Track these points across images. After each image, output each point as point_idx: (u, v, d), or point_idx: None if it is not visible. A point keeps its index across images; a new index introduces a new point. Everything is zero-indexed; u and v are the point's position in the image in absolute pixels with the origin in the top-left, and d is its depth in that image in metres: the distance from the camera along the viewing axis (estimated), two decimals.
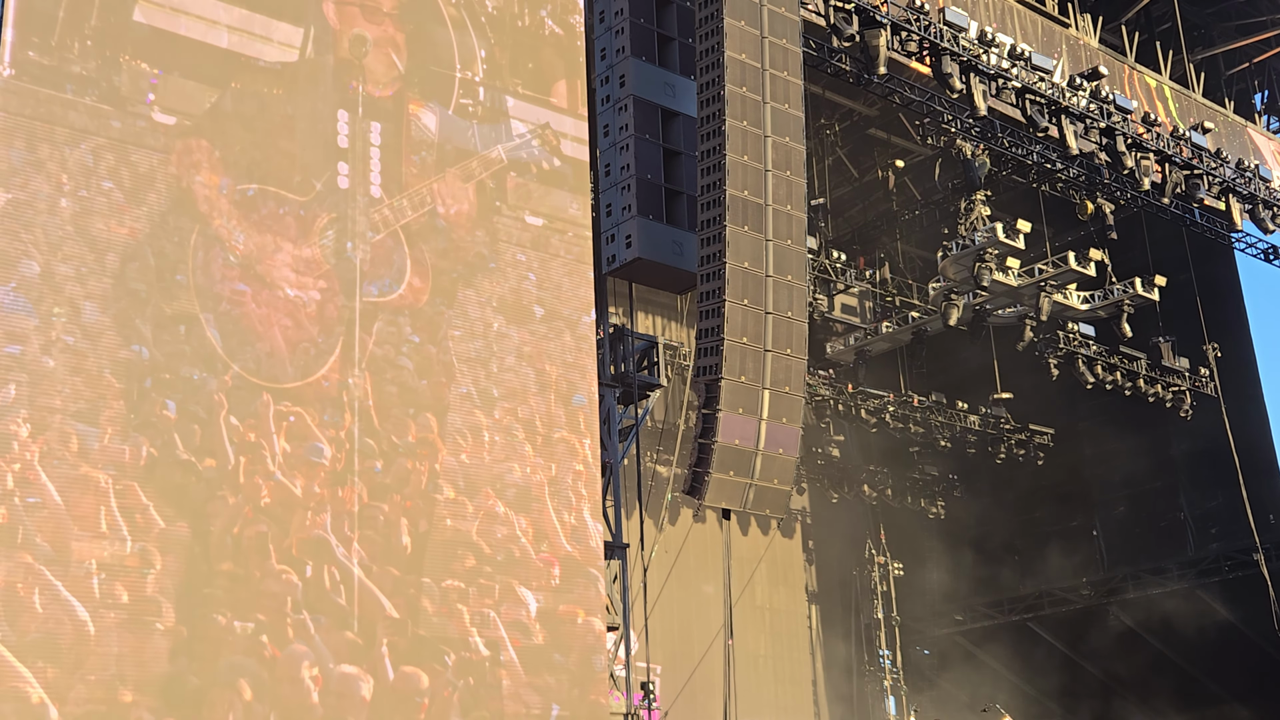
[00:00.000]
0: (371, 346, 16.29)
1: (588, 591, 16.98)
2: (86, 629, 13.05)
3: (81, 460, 13.60)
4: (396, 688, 14.73)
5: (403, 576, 15.26)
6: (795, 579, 37.16)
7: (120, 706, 13.00)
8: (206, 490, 14.32)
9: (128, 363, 14.30)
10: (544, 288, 18.65)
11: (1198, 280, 34.43)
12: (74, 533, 13.27)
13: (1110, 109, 27.66)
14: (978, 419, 36.33)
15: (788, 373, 19.43)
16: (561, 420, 17.71)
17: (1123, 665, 35.77)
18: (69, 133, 14.73)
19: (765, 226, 19.52)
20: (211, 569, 14.02)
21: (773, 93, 20.14)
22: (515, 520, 16.62)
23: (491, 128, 19.19)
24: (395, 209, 17.67)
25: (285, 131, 16.94)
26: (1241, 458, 32.15)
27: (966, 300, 30.55)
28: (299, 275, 16.15)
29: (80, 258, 14.34)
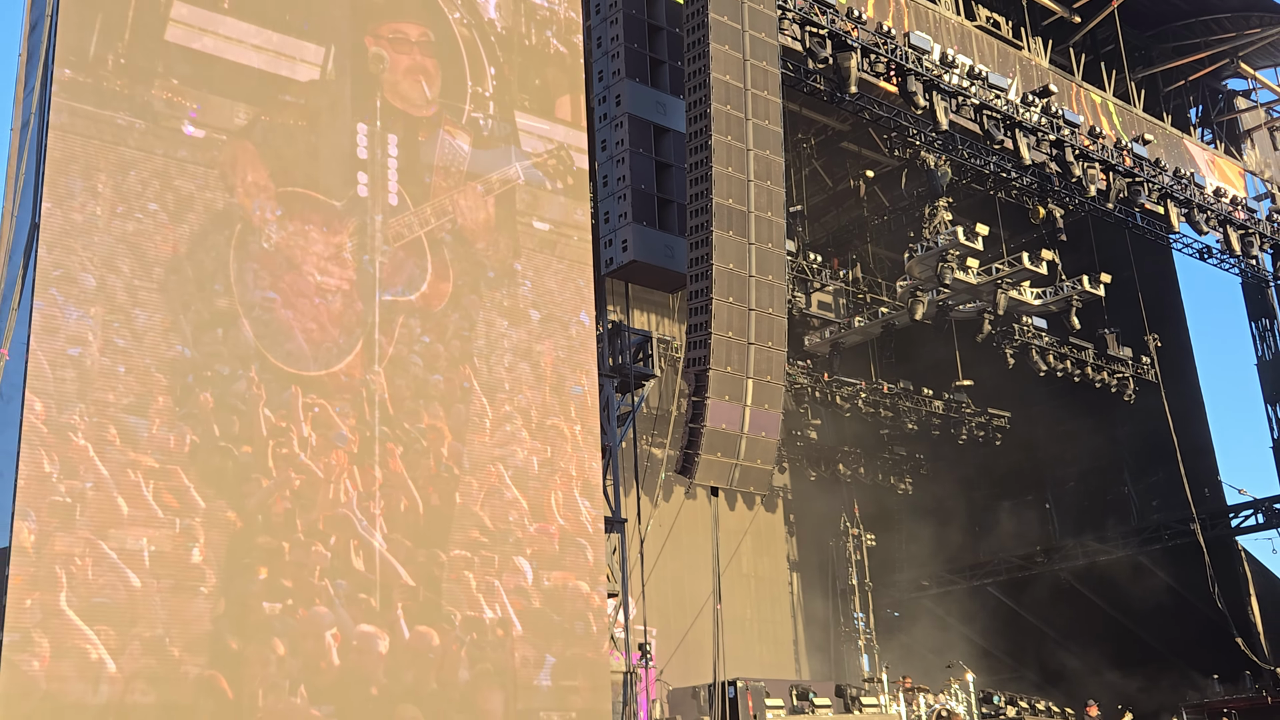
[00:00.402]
0: (388, 346, 16.35)
1: (578, 560, 17.20)
2: (138, 595, 13.30)
3: (131, 448, 13.80)
4: (411, 645, 15.02)
5: (415, 548, 15.51)
6: (778, 549, 37.19)
7: (170, 662, 13.29)
8: (242, 473, 14.53)
9: (172, 361, 14.44)
10: (544, 290, 18.68)
11: (1139, 277, 34.42)
12: (125, 511, 13.49)
13: (1060, 123, 27.64)
14: (941, 404, 36.37)
15: (769, 363, 19.45)
16: (555, 409, 17.84)
17: (1071, 624, 35.87)
18: (119, 158, 14.78)
19: (748, 231, 19.53)
20: (248, 543, 14.26)
21: (754, 110, 20.15)
22: (515, 497, 16.76)
23: (502, 141, 19.22)
24: (419, 217, 17.66)
25: (311, 145, 16.87)
26: (1180, 437, 32.19)
27: (931, 297, 30.55)
28: (323, 278, 16.16)
29: (130, 271, 14.49)
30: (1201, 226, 30.74)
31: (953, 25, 29.12)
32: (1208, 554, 31.27)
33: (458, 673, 15.32)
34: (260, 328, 15.31)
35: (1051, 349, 33.66)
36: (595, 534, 17.68)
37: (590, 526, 17.62)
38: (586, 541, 17.44)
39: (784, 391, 20.15)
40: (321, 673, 14.20)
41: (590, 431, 18.22)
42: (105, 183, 14.60)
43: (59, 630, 12.65)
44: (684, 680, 25.77)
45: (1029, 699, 29.52)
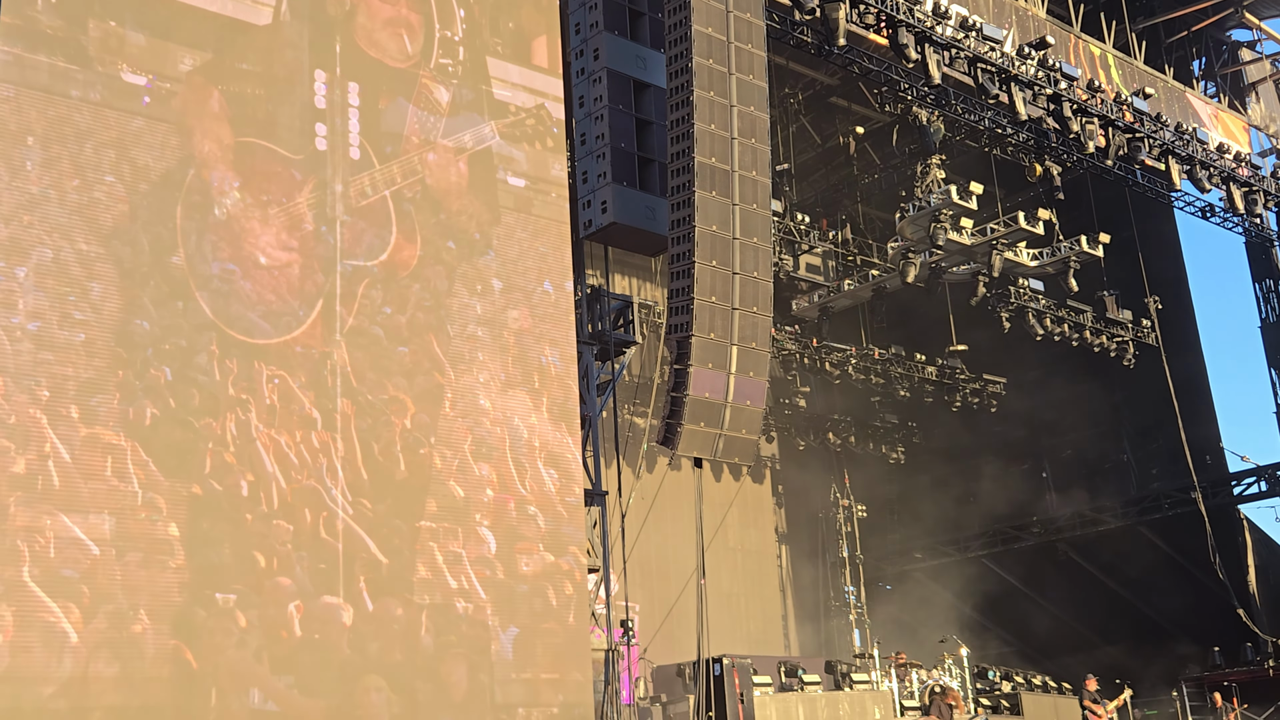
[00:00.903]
0: (349, 317, 16.29)
1: (542, 531, 17.26)
2: (101, 567, 13.44)
3: (91, 422, 13.84)
4: (375, 616, 15.20)
5: (379, 520, 15.61)
6: (765, 521, 37.30)
7: (133, 634, 13.49)
8: (204, 447, 14.58)
9: (131, 335, 14.44)
10: (516, 255, 18.52)
11: (1140, 237, 34.48)
12: (87, 484, 13.60)
13: (1057, 76, 27.57)
14: (934, 370, 36.41)
15: (754, 329, 19.41)
16: (519, 379, 17.79)
17: (1069, 596, 36.11)
18: (59, 115, 14.54)
19: (732, 191, 19.44)
20: (210, 515, 14.38)
21: (738, 64, 20.01)
22: (478, 469, 16.84)
23: (471, 90, 18.84)
24: (384, 175, 17.42)
25: (266, 96, 16.51)
26: (1181, 403, 32.31)
27: (923, 259, 30.53)
28: (282, 247, 16.02)
29: (85, 241, 14.41)
30: (1204, 184, 30.76)
31: None
32: (1209, 523, 31.46)
33: (421, 644, 15.52)
34: (219, 300, 15.19)
35: (1048, 312, 33.71)
36: (562, 504, 17.65)
37: (556, 497, 17.63)
38: (551, 512, 17.48)
39: (770, 358, 20.13)
40: (284, 643, 14.43)
41: (557, 402, 18.14)
42: (52, 147, 14.38)
43: (22, 602, 12.81)
44: (669, 657, 25.85)
45: (1025, 673, 29.71)
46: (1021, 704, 27.49)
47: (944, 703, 21.63)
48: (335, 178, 16.92)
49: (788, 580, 37.16)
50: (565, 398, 18.29)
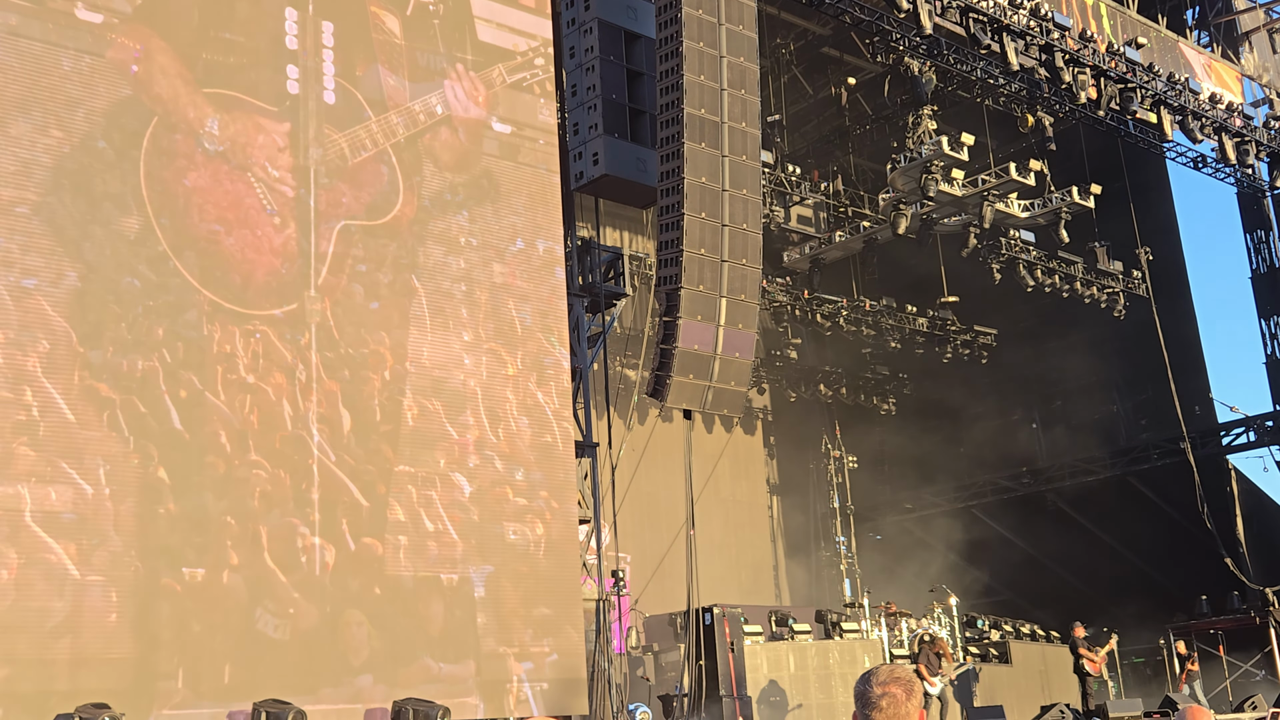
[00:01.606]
0: (334, 276, 16.44)
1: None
2: (100, 509, 13.94)
3: (88, 373, 14.19)
4: (356, 555, 15.74)
5: (359, 466, 16.03)
6: (757, 472, 37.55)
7: (131, 570, 14.08)
8: (196, 398, 14.85)
9: (124, 292, 14.65)
10: (498, 210, 18.48)
11: (1131, 188, 34.48)
12: (83, 434, 14.01)
13: (1049, 26, 27.47)
14: (926, 321, 36.52)
15: (743, 281, 19.50)
16: (493, 334, 18.01)
17: (1057, 546, 36.38)
18: (61, 93, 14.60)
19: (721, 143, 19.47)
20: (201, 461, 14.81)
21: (727, 14, 19.97)
22: (453, 418, 17.13)
23: (456, 31, 18.54)
24: (366, 131, 17.28)
25: (234, 35, 16.21)
26: (1171, 353, 32.42)
27: (914, 210, 30.56)
28: (265, 203, 16.03)
29: (75, 205, 14.53)
30: (1196, 134, 30.73)
31: None
32: (1197, 473, 31.69)
33: (400, 581, 16.06)
34: (206, 260, 15.38)
35: (1039, 263, 33.80)
36: (533, 452, 17.91)
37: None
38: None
39: (759, 310, 20.23)
40: (271, 579, 15.02)
41: (531, 355, 18.31)
42: (31, 102, 14.48)
43: (26, 543, 13.32)
44: (660, 607, 26.15)
45: (1014, 622, 30.08)
46: (1010, 652, 27.88)
47: (932, 651, 21.89)
48: (310, 124, 16.79)
49: (779, 531, 37.46)
50: (539, 351, 18.38)
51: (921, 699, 4.03)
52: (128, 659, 13.78)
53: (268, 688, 14.41)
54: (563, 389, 18.71)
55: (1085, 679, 23.69)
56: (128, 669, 13.74)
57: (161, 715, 13.74)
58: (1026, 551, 36.77)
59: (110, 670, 13.60)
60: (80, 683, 13.29)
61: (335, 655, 15.26)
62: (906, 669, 4.10)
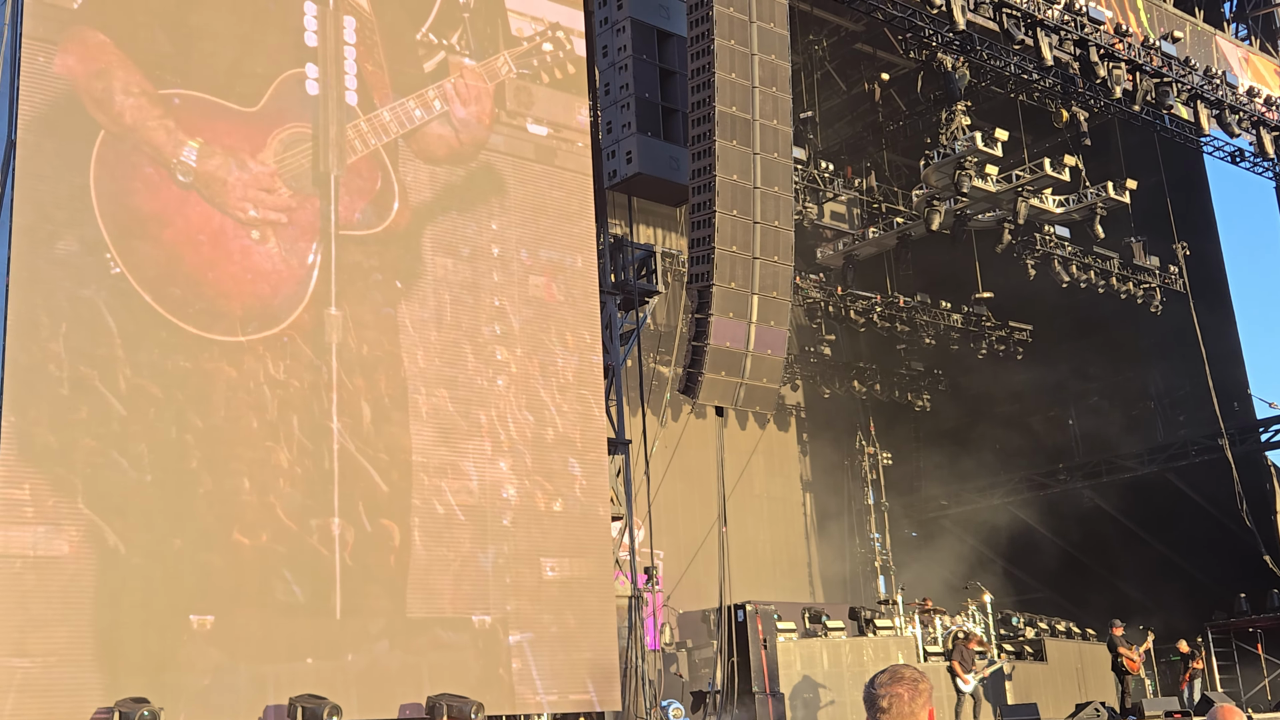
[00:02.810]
0: (344, 286, 16.26)
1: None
2: (146, 492, 14.43)
3: (136, 375, 14.58)
4: (373, 535, 16.02)
5: (376, 454, 16.20)
6: (791, 469, 37.56)
7: (173, 549, 14.54)
8: (229, 393, 15.19)
9: (168, 297, 14.98)
10: (526, 214, 18.21)
11: (1168, 183, 34.25)
12: (132, 426, 14.44)
13: (1083, 20, 27.34)
14: (960, 317, 36.43)
15: (775, 278, 19.55)
16: (503, 340, 17.78)
17: (1094, 543, 36.23)
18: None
19: (753, 140, 19.51)
20: (231, 451, 15.12)
21: (759, 12, 20.01)
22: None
23: (486, 23, 18.19)
24: (379, 124, 16.89)
25: (227, 23, 15.70)
26: (1208, 349, 32.24)
27: (948, 206, 30.51)
28: (258, 208, 15.67)
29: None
30: (1233, 129, 30.48)
31: None
32: (1236, 470, 31.46)
33: (412, 558, 16.29)
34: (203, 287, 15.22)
35: (1075, 259, 33.63)
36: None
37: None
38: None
39: (791, 307, 20.27)
40: (298, 557, 15.42)
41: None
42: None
43: (83, 523, 13.88)
44: (694, 604, 26.24)
45: (1049, 620, 29.97)
46: (1045, 650, 27.78)
47: (967, 648, 21.89)
48: (329, 124, 16.44)
49: (813, 528, 37.45)
50: (547, 356, 18.20)
51: (929, 698, 4.11)
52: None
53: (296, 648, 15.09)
54: (594, 386, 18.67)
55: (1124, 677, 23.62)
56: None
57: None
58: (1062, 548, 36.63)
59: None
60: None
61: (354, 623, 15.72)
62: (912, 669, 4.18)
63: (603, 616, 17.93)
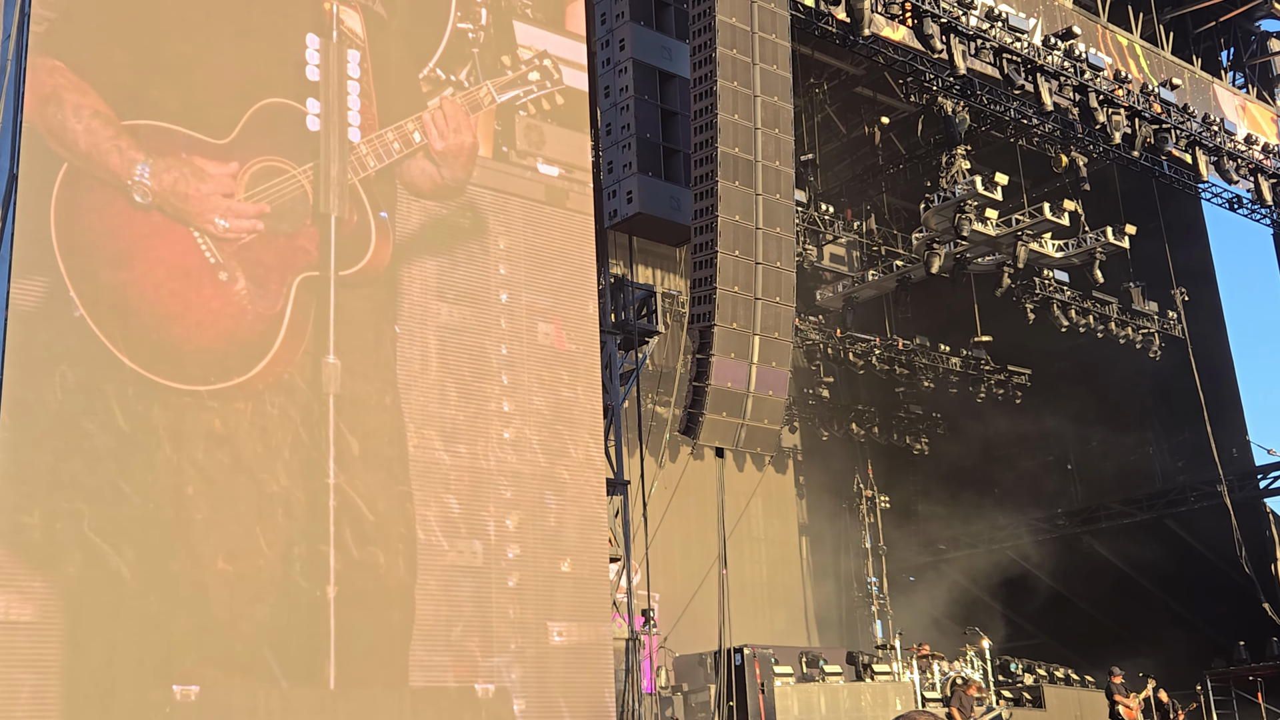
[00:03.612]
0: (332, 323, 15.66)
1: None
2: (152, 522, 14.10)
3: (101, 430, 14.11)
4: (360, 560, 15.40)
5: (365, 487, 15.59)
6: (788, 511, 37.40)
7: (170, 574, 14.08)
8: (225, 427, 14.75)
9: (170, 338, 14.65)
10: (524, 256, 17.61)
11: (1166, 228, 34.38)
12: (134, 464, 14.12)
13: (1083, 67, 27.48)
14: (959, 361, 36.41)
15: (777, 319, 19.50)
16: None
17: (1093, 589, 36.06)
18: None
19: (755, 182, 19.51)
20: (231, 481, 14.62)
21: (762, 54, 20.07)
22: (464, 468, 16.51)
23: (494, 59, 17.74)
24: (368, 150, 16.41)
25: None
26: (1207, 395, 32.22)
27: (948, 249, 30.52)
28: (227, 217, 14.98)
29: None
30: (1231, 175, 30.60)
31: None
32: (1235, 517, 31.35)
33: (397, 580, 15.66)
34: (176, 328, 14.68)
35: (1074, 303, 33.67)
36: (546, 500, 17.24)
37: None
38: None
39: (792, 348, 20.20)
40: (289, 622, 14.85)
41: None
42: None
43: (86, 548, 13.56)
44: (690, 647, 26.00)
45: (1048, 666, 29.74)
46: (1044, 697, 27.53)
47: (966, 695, 21.70)
48: (330, 162, 15.89)
49: (810, 571, 37.25)
50: (559, 409, 17.69)
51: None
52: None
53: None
54: (593, 429, 18.27)
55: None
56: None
57: None
58: (1061, 594, 36.44)
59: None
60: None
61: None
62: (928, 713, 4.09)
63: (606, 678, 17.35)
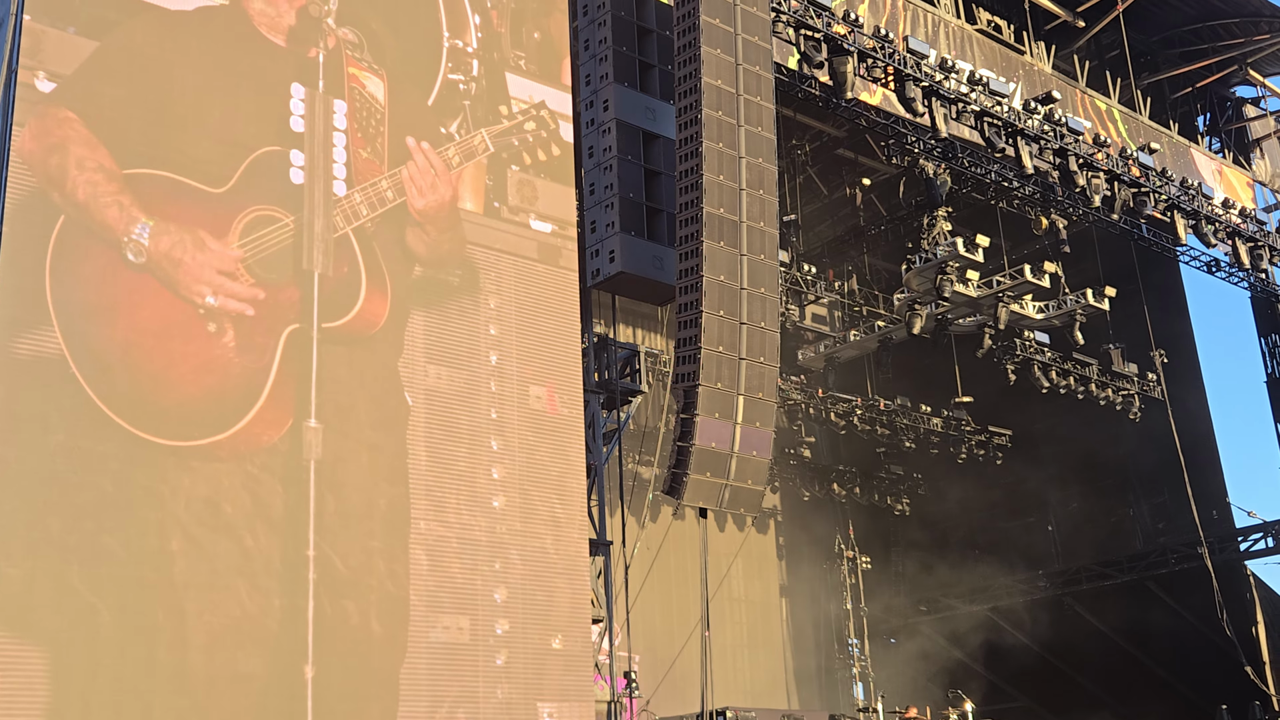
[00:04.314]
0: (321, 382, 15.27)
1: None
2: (125, 574, 13.75)
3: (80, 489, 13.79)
4: (341, 635, 14.93)
5: (340, 543, 15.21)
6: (769, 572, 37.20)
7: (152, 623, 13.70)
8: (214, 489, 14.45)
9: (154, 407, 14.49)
10: (524, 319, 17.29)
11: (1145, 291, 34.59)
12: (128, 515, 13.85)
13: (1063, 130, 27.77)
14: (940, 421, 36.43)
15: (761, 379, 19.47)
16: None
17: (1077, 652, 35.90)
18: None
19: (740, 242, 19.56)
20: (214, 536, 14.30)
21: (746, 116, 20.20)
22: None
23: (488, 111, 17.32)
24: (349, 206, 16.06)
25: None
26: (1187, 457, 32.28)
27: (929, 310, 30.63)
28: (218, 294, 14.72)
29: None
30: (1209, 238, 30.87)
31: (952, 28, 29.25)
32: (1216, 579, 31.33)
33: (380, 659, 15.15)
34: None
35: (1054, 365, 33.80)
36: (536, 571, 16.87)
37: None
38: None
39: (776, 409, 20.16)
40: (260, 665, 14.40)
41: (536, 473, 17.19)
42: None
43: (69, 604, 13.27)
44: (671, 709, 25.73)
45: None
46: None
47: None
48: (315, 215, 15.48)
49: (790, 632, 36.99)
50: (548, 476, 17.47)
51: None
52: None
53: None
54: (575, 493, 17.97)
55: None
56: None
57: None
58: (1043, 657, 36.26)
59: None
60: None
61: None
62: None
63: None
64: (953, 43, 28.83)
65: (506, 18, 17.98)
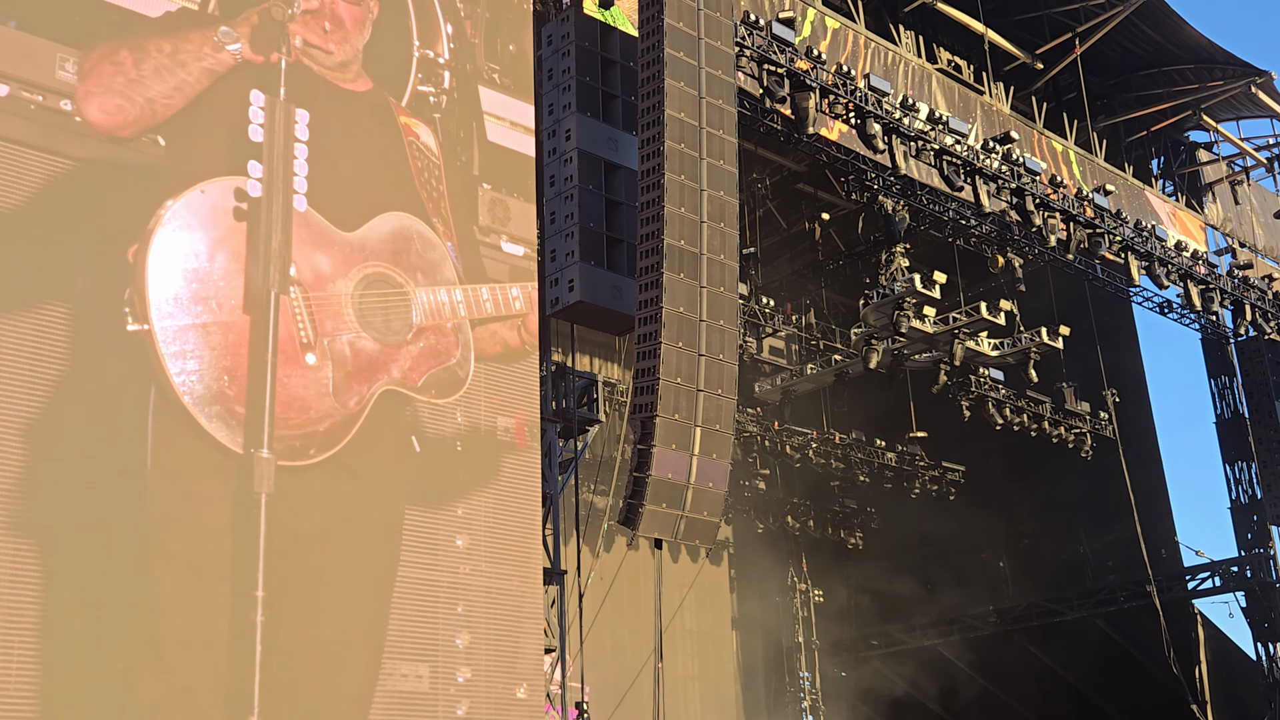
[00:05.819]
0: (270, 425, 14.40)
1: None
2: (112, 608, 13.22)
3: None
4: (291, 686, 14.17)
5: (297, 601, 14.56)
6: (722, 604, 37.14)
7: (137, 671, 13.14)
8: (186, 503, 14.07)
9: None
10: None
11: (1098, 330, 34.96)
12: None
13: (1020, 170, 28.08)
14: (894, 456, 36.60)
15: (719, 411, 19.50)
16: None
17: (1026, 688, 36.08)
18: None
19: (700, 274, 19.62)
20: (196, 576, 13.75)
21: (709, 149, 20.29)
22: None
23: (460, 128, 16.96)
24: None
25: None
26: (1137, 496, 32.55)
27: (886, 345, 30.79)
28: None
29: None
30: (1162, 280, 31.27)
31: (913, 67, 29.58)
32: (1164, 617, 31.62)
33: (322, 680, 14.44)
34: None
35: (1008, 402, 34.07)
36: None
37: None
38: (483, 625, 16.20)
39: (733, 441, 20.20)
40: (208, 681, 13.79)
41: (501, 522, 16.89)
42: None
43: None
44: None
45: None
46: None
47: None
48: (272, 231, 14.69)
49: (742, 664, 36.94)
50: (483, 501, 17.07)
51: None
52: None
53: None
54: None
55: None
56: None
57: None
58: (992, 693, 36.41)
59: None
60: None
61: None
62: None
63: None
64: (912, 81, 29.15)
65: (481, 28, 17.44)
